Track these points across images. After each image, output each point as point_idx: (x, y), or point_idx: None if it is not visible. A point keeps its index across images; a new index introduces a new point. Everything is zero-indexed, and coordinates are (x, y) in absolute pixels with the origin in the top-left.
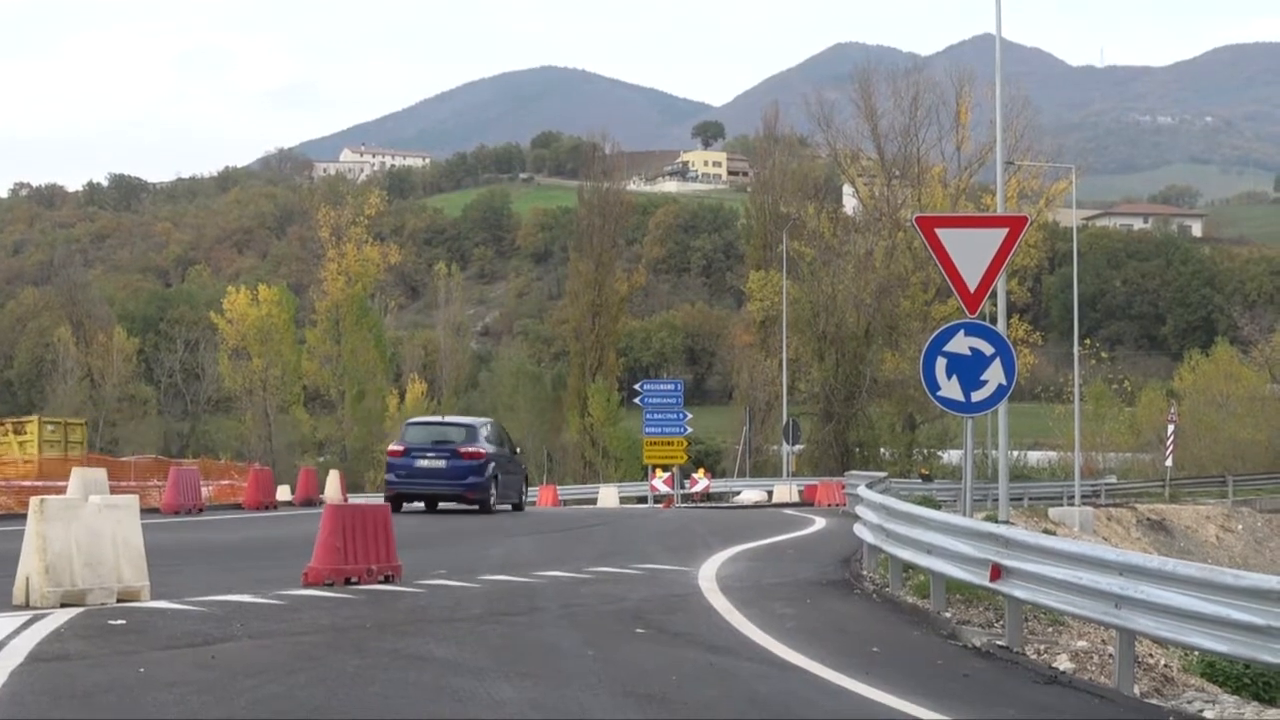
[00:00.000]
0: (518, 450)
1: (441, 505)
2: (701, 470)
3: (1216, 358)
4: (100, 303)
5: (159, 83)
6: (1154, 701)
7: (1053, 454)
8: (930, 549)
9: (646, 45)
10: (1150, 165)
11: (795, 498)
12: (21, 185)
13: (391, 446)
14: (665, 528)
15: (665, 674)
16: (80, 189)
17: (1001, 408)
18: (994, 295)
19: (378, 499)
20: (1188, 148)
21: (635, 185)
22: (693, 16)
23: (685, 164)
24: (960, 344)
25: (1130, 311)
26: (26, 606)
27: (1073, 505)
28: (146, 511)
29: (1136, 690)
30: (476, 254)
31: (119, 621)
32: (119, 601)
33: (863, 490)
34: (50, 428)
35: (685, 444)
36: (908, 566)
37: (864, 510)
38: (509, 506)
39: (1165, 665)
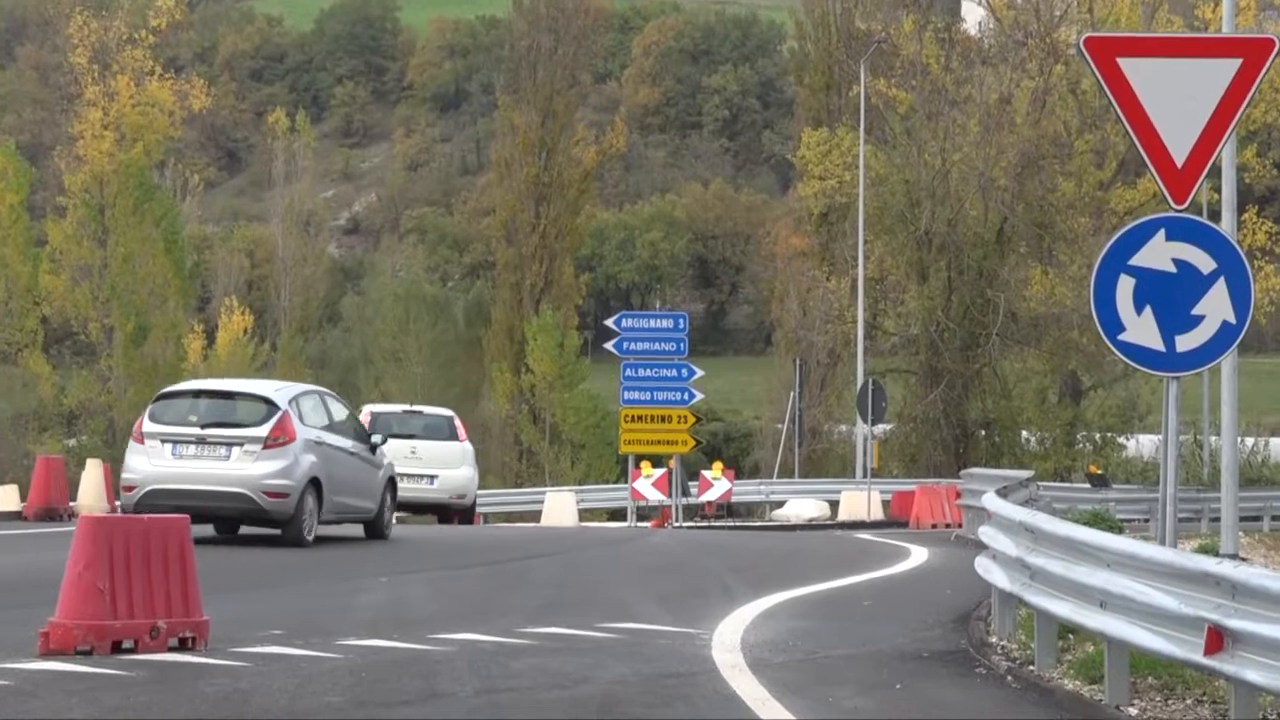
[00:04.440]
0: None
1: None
2: (718, 466)
3: None
4: None
5: None
6: None
7: None
8: (1105, 600)
9: None
10: None
11: (878, 514)
12: None
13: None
14: (656, 561)
15: None
16: None
17: (1228, 364)
18: (1216, 173)
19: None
20: None
21: None
22: None
23: None
24: (1159, 254)
25: None
26: None
27: None
28: None
29: None
30: (339, 96)
31: None
32: None
33: (992, 501)
34: None
35: (691, 421)
36: (1067, 629)
37: (993, 534)
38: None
39: None
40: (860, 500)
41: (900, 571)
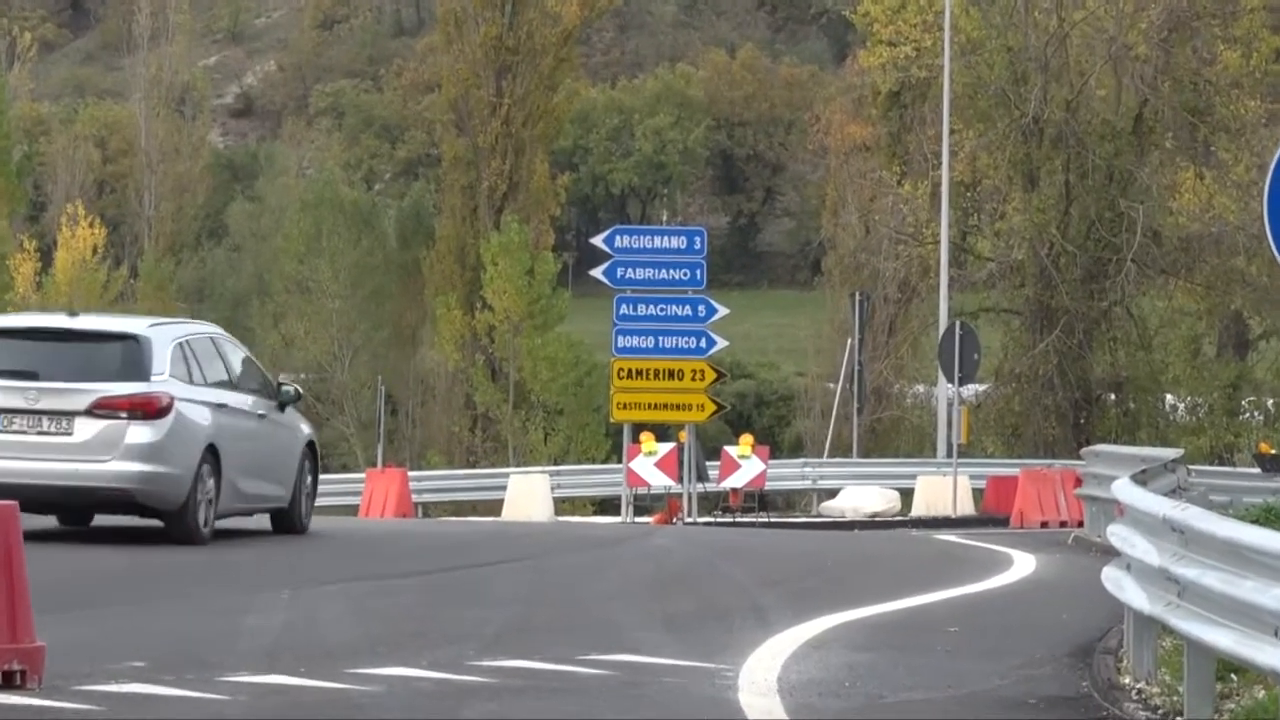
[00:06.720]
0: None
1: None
2: (747, 441)
3: None
4: None
5: None
6: None
7: None
8: None
9: None
10: None
11: (967, 507)
12: None
13: None
14: (661, 570)
15: None
16: None
17: None
18: None
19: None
20: None
21: None
22: None
23: None
24: None
25: None
26: None
27: None
28: None
29: None
30: None
31: None
32: None
33: (1126, 490)
34: None
35: (711, 378)
36: (1229, 666)
37: (1127, 535)
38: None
39: None
40: (943, 489)
41: (998, 586)
